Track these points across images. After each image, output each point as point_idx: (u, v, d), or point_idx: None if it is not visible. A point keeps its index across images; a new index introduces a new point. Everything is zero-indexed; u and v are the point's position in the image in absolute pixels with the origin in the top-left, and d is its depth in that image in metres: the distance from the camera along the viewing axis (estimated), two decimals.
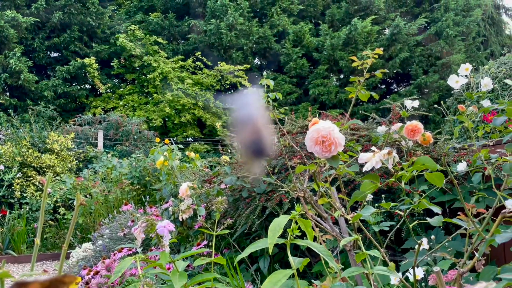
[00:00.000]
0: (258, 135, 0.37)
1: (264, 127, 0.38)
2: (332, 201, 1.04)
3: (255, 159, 0.39)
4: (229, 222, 1.19)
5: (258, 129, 0.37)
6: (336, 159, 1.06)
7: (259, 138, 0.37)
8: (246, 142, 0.38)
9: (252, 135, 0.37)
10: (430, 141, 0.99)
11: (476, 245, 0.92)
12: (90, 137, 6.70)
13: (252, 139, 0.37)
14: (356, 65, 1.12)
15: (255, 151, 0.38)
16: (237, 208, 1.52)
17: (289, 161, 1.28)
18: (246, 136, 0.37)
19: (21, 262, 3.72)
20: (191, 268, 1.53)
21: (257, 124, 0.37)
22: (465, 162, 0.95)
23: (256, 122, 0.37)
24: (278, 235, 0.92)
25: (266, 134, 0.38)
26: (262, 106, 0.41)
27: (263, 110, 0.41)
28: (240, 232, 1.35)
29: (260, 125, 0.37)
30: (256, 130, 0.37)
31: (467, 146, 1.13)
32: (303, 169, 1.16)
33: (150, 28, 9.92)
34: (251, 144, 0.37)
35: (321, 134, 1.02)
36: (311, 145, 1.05)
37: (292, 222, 0.96)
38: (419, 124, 1.01)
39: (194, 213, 1.49)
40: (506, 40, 12.83)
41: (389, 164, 0.87)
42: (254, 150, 0.38)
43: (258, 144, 0.37)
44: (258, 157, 0.39)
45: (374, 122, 1.52)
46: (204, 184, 1.77)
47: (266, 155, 0.38)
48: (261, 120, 0.38)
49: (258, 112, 0.38)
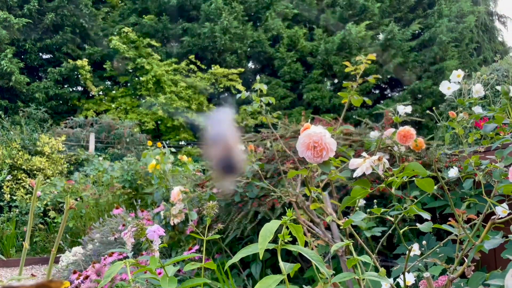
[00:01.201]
0: (228, 153, 0.38)
1: (234, 145, 0.39)
2: (324, 207, 1.04)
3: (225, 176, 0.42)
4: (220, 227, 1.18)
5: (228, 147, 0.38)
6: (327, 165, 1.06)
7: (229, 155, 0.38)
8: (216, 159, 0.39)
9: (222, 153, 0.38)
10: (422, 146, 1.00)
11: (467, 251, 0.92)
12: (82, 139, 6.65)
13: (222, 156, 0.39)
14: (350, 70, 1.12)
15: (225, 168, 0.39)
16: (229, 213, 1.51)
17: (282, 166, 1.27)
18: (217, 153, 0.39)
19: (10, 266, 3.67)
20: (182, 273, 1.52)
21: (228, 142, 0.38)
22: (457, 168, 0.95)
23: (227, 140, 0.38)
24: (269, 240, 0.91)
25: (236, 152, 0.39)
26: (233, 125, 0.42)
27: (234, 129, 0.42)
28: (232, 237, 1.35)
29: (231, 143, 0.39)
30: (226, 148, 0.38)
31: (458, 152, 1.14)
32: (296, 174, 1.15)
33: (143, 31, 9.89)
34: (221, 161, 0.39)
35: (312, 140, 1.02)
36: (303, 150, 1.05)
37: (283, 227, 0.95)
38: (411, 129, 1.01)
39: (186, 218, 1.48)
40: (498, 47, 12.99)
41: (380, 170, 0.87)
42: (224, 167, 0.39)
43: (228, 162, 0.39)
44: (227, 174, 0.41)
45: (367, 127, 1.53)
46: (196, 188, 1.76)
47: (235, 172, 0.40)
48: (232, 139, 0.39)
49: (229, 131, 0.39)
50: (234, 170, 0.40)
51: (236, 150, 0.39)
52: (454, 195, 1.15)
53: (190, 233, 1.31)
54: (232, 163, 0.39)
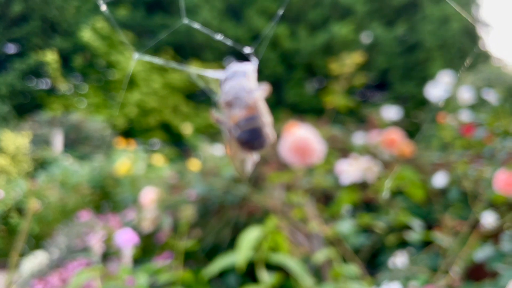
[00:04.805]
0: (255, 114, 0.27)
1: (262, 104, 0.28)
2: (308, 212, 0.99)
3: (250, 148, 0.28)
4: (197, 234, 1.12)
5: (255, 106, 0.27)
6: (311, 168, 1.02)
7: (256, 118, 0.27)
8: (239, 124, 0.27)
9: (247, 114, 0.27)
10: (409, 151, 0.97)
11: (452, 260, 0.90)
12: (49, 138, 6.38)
13: (247, 119, 0.27)
14: (334, 72, 1.09)
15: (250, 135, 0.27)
16: (207, 218, 1.45)
17: (264, 169, 1.22)
18: (239, 115, 0.27)
19: None
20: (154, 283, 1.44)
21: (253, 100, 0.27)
22: (444, 175, 0.93)
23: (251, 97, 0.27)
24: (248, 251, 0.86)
25: (263, 115, 0.28)
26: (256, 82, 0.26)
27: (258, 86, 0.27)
28: (210, 244, 1.28)
29: (257, 102, 0.28)
30: (253, 107, 0.27)
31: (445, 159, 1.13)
32: (279, 178, 1.11)
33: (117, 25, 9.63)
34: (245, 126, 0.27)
35: (296, 142, 0.98)
36: (287, 153, 1.01)
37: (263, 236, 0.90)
38: (397, 134, 0.99)
39: (159, 223, 1.40)
40: (482, 51, 13.41)
41: (369, 176, 0.84)
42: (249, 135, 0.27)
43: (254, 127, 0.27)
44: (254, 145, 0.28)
45: (352, 131, 1.50)
46: (172, 192, 1.68)
47: (263, 143, 0.28)
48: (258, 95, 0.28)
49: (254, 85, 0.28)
50: (261, 140, 0.28)
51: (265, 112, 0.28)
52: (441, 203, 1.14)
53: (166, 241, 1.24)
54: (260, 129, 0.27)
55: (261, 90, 0.28)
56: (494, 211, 0.89)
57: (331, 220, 0.99)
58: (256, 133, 0.28)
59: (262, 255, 0.88)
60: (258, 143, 0.28)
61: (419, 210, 1.03)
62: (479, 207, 0.90)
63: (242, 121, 0.27)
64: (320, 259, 0.91)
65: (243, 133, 0.27)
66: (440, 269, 0.91)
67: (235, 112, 0.27)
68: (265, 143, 0.28)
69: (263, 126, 0.28)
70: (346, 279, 0.89)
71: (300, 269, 0.86)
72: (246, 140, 0.28)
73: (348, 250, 0.95)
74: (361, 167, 0.86)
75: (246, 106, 0.27)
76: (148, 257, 1.26)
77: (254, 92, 0.27)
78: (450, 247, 0.90)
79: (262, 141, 0.28)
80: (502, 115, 0.90)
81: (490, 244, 0.81)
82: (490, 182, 0.90)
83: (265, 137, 0.28)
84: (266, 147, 0.28)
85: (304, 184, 1.06)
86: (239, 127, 0.27)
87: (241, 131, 0.27)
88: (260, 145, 0.28)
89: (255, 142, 0.28)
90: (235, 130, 0.28)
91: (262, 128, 0.28)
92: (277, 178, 1.10)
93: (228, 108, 0.28)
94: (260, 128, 0.28)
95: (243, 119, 0.27)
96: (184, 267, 1.07)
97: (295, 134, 0.98)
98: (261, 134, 0.28)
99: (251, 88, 0.28)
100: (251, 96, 0.27)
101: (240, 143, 0.28)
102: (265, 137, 0.28)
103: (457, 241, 0.90)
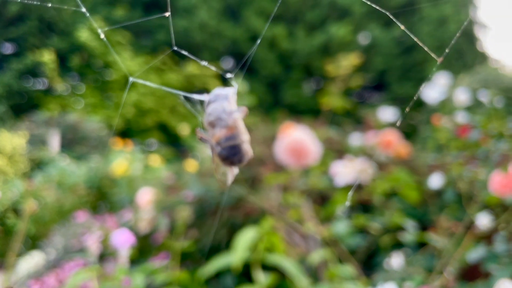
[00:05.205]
0: (234, 133, 0.31)
1: (240, 125, 0.32)
2: (304, 213, 1.00)
3: (230, 163, 0.32)
4: (194, 235, 1.12)
5: (234, 126, 0.31)
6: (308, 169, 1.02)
7: (235, 137, 0.31)
8: (220, 142, 0.31)
9: (227, 133, 0.31)
10: (405, 153, 0.98)
11: (447, 260, 0.90)
12: (46, 138, 6.36)
13: (227, 137, 0.31)
14: (331, 73, 1.09)
15: (230, 152, 0.31)
16: (203, 218, 1.45)
17: (260, 170, 1.23)
18: (220, 133, 0.31)
19: None
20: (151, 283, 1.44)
21: (234, 121, 0.31)
22: (439, 176, 0.94)
23: (232, 118, 0.31)
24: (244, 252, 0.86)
25: (243, 134, 0.31)
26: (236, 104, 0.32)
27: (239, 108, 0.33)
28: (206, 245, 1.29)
29: (237, 123, 0.31)
30: (233, 127, 0.31)
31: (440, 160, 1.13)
32: (275, 179, 1.11)
33: (114, 25, 9.60)
34: (226, 143, 0.31)
35: (292, 144, 0.98)
36: (283, 154, 1.01)
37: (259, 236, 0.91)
38: (394, 135, 0.99)
39: (156, 224, 1.40)
40: (479, 53, 13.44)
41: (364, 178, 0.84)
42: (229, 151, 0.31)
43: (234, 144, 0.31)
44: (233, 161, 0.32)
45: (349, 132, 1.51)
46: (169, 193, 1.68)
47: (242, 159, 0.32)
48: (238, 117, 0.31)
49: (234, 108, 0.32)
50: (240, 156, 0.32)
51: (243, 131, 0.31)
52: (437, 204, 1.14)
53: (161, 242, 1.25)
54: (239, 146, 0.31)
55: (240, 112, 0.31)
56: (489, 213, 0.90)
57: (327, 221, 1.00)
58: (236, 150, 0.31)
59: (258, 255, 0.88)
60: (237, 159, 0.32)
61: (414, 211, 1.04)
62: (474, 208, 0.90)
63: (223, 140, 0.31)
64: (316, 260, 0.91)
65: (223, 150, 0.31)
66: (435, 270, 0.91)
67: (217, 131, 0.31)
68: (243, 158, 0.32)
69: (241, 144, 0.31)
70: (341, 280, 0.89)
71: (296, 269, 0.86)
72: (226, 156, 0.31)
73: (344, 251, 0.95)
74: (356, 169, 0.86)
75: (227, 126, 0.31)
76: (145, 258, 1.26)
77: (234, 114, 0.31)
78: (445, 248, 0.91)
79: (240, 157, 0.32)
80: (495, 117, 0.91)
81: (483, 245, 0.82)
82: (484, 183, 0.90)
83: (244, 153, 0.32)
84: (244, 162, 0.32)
85: (300, 185, 1.06)
86: (220, 144, 0.31)
87: (222, 148, 0.31)
88: (239, 160, 0.32)
89: (235, 158, 0.32)
90: (217, 147, 0.32)
91: (241, 145, 0.31)
92: (273, 179, 1.10)
93: (211, 127, 0.31)
94: (239, 145, 0.31)
95: (224, 138, 0.31)
96: (181, 267, 1.07)
97: (291, 135, 0.98)
98: (240, 151, 0.31)
99: (231, 110, 0.31)
100: (231, 117, 0.31)
101: (221, 159, 0.32)
102: (243, 154, 0.32)
103: (452, 242, 0.90)
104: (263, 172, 1.26)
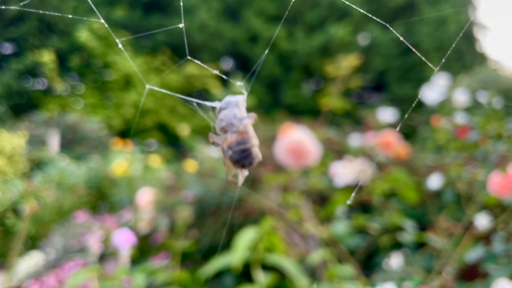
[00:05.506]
0: (244, 138, 0.33)
1: (251, 129, 0.34)
2: (304, 214, 1.00)
3: (241, 166, 0.34)
4: (194, 235, 1.12)
5: (245, 131, 0.33)
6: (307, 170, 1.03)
7: (245, 142, 0.33)
8: (231, 146, 0.33)
9: (238, 138, 0.33)
10: (404, 154, 0.98)
11: (445, 261, 0.91)
12: (45, 139, 6.36)
13: (238, 142, 0.33)
14: (331, 75, 1.10)
15: (241, 156, 0.33)
16: (203, 219, 1.45)
17: (260, 171, 1.23)
18: (232, 139, 0.33)
19: None
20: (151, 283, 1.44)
21: (244, 126, 0.33)
22: (438, 177, 0.94)
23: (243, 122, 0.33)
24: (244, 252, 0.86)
25: (252, 138, 0.33)
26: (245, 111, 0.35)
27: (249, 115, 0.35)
28: (206, 245, 1.29)
29: (247, 128, 0.33)
30: (243, 132, 0.33)
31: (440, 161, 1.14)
32: (275, 179, 1.11)
33: (114, 25, 9.60)
34: (236, 147, 0.33)
35: (292, 144, 0.99)
36: (282, 155, 1.01)
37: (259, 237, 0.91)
38: (393, 136, 1.00)
39: (156, 224, 1.41)
40: (479, 53, 13.44)
41: (363, 178, 0.85)
42: (240, 155, 0.33)
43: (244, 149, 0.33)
44: (243, 164, 0.34)
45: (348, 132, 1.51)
46: (168, 193, 1.69)
47: (251, 162, 0.34)
48: (248, 124, 0.33)
49: (244, 114, 0.34)
50: (250, 159, 0.34)
51: (253, 136, 0.33)
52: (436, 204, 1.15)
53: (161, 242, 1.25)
54: (249, 150, 0.33)
55: (250, 118, 0.33)
56: (487, 213, 0.90)
57: (327, 221, 1.00)
58: (246, 153, 0.33)
59: (258, 255, 0.89)
60: (247, 162, 0.34)
61: (413, 211, 1.04)
62: (472, 209, 0.91)
63: (234, 144, 0.33)
64: (315, 260, 0.91)
65: (235, 154, 0.33)
66: (434, 270, 0.92)
67: (228, 136, 0.33)
68: (253, 161, 0.34)
69: (251, 148, 0.33)
70: (341, 280, 0.89)
71: (295, 269, 0.87)
72: (237, 159, 0.33)
73: (344, 251, 0.96)
74: (355, 169, 0.87)
75: (238, 131, 0.33)
76: (145, 258, 1.26)
77: (244, 120, 0.33)
78: (444, 248, 0.91)
79: (251, 160, 0.34)
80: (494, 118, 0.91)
81: (482, 245, 0.83)
82: (483, 184, 0.91)
83: (254, 156, 0.34)
84: (254, 165, 0.34)
85: (300, 185, 1.06)
86: (232, 148, 0.33)
87: (233, 152, 0.33)
88: (249, 163, 0.34)
89: (245, 161, 0.34)
90: (228, 151, 0.33)
91: (251, 149, 0.33)
92: (273, 179, 1.11)
93: (223, 132, 0.34)
94: (249, 149, 0.33)
95: (234, 142, 0.33)
96: (181, 267, 1.08)
97: (291, 136, 0.99)
98: (250, 154, 0.33)
99: (242, 116, 0.33)
100: (241, 123, 0.33)
101: (232, 162, 0.34)
102: (253, 157, 0.34)
103: (451, 243, 0.91)
104: (263, 172, 1.26)
